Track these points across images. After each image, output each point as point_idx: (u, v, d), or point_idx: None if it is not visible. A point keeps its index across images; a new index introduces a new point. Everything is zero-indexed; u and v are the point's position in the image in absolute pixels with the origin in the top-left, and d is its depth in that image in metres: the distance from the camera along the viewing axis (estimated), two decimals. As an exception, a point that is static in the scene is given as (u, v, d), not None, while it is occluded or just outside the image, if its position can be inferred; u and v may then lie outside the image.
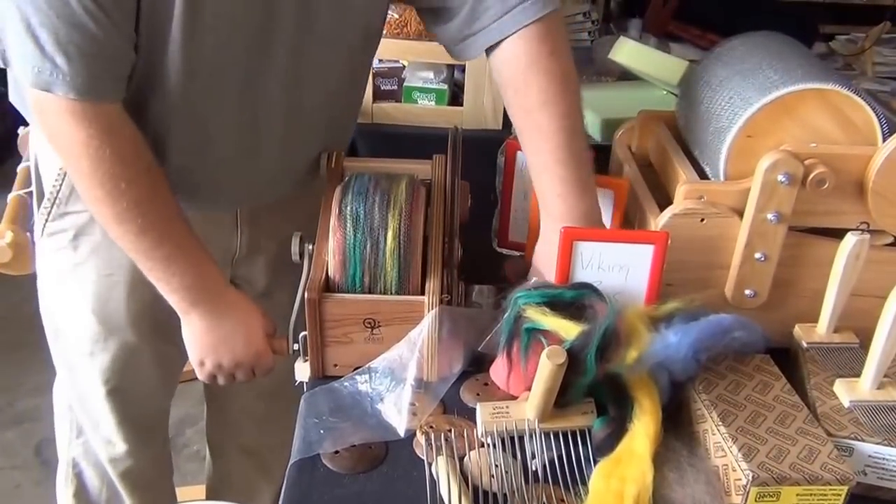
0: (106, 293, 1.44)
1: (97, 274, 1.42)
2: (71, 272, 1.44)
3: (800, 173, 1.18)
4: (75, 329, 1.49)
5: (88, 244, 1.40)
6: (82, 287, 1.44)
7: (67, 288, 1.46)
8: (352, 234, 1.21)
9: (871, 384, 1.14)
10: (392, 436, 1.16)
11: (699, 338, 1.13)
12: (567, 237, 1.21)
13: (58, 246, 1.42)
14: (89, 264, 1.42)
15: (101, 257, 1.40)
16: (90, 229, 1.39)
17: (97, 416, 1.59)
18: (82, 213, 1.38)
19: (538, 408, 1.11)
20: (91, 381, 1.54)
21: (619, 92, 2.20)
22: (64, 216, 1.40)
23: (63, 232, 1.41)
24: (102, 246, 1.39)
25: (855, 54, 2.58)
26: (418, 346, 1.19)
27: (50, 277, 1.49)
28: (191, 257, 1.27)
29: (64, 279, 1.45)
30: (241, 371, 1.35)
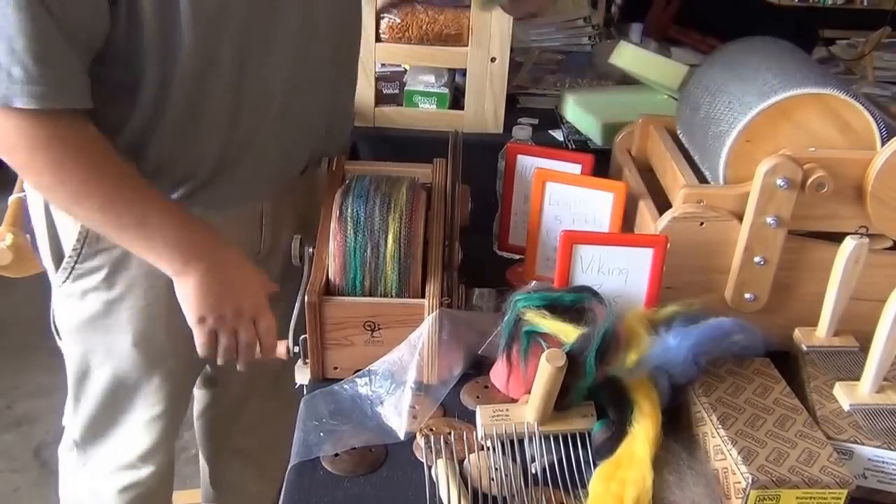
0: (147, 325, 1.42)
1: (136, 308, 1.40)
2: (105, 313, 1.41)
3: (799, 177, 1.18)
4: (115, 365, 1.46)
5: (125, 279, 1.38)
6: (120, 324, 1.41)
7: (102, 329, 1.43)
8: (352, 236, 1.21)
9: (870, 387, 1.14)
10: (392, 438, 1.16)
11: (699, 341, 1.13)
12: (567, 241, 1.21)
13: (87, 287, 1.39)
14: (127, 300, 1.39)
15: (139, 291, 1.39)
16: (127, 262, 1.36)
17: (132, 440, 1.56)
18: (118, 248, 1.34)
19: (538, 411, 1.11)
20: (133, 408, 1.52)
21: (620, 96, 2.20)
22: (96, 255, 1.36)
23: (96, 271, 1.37)
24: (139, 279, 1.37)
25: (855, 59, 2.58)
26: (418, 348, 1.19)
27: (77, 323, 1.44)
28: (167, 217, 1.22)
29: (96, 322, 1.42)
30: (244, 324, 1.29)
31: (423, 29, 1.97)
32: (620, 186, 1.35)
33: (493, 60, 1.98)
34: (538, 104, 2.26)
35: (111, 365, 1.46)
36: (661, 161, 1.41)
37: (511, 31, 1.96)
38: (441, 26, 1.97)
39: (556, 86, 2.32)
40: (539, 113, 2.19)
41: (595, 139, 2.03)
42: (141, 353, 1.44)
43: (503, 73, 2.00)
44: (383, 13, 1.97)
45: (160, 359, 1.47)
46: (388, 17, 1.97)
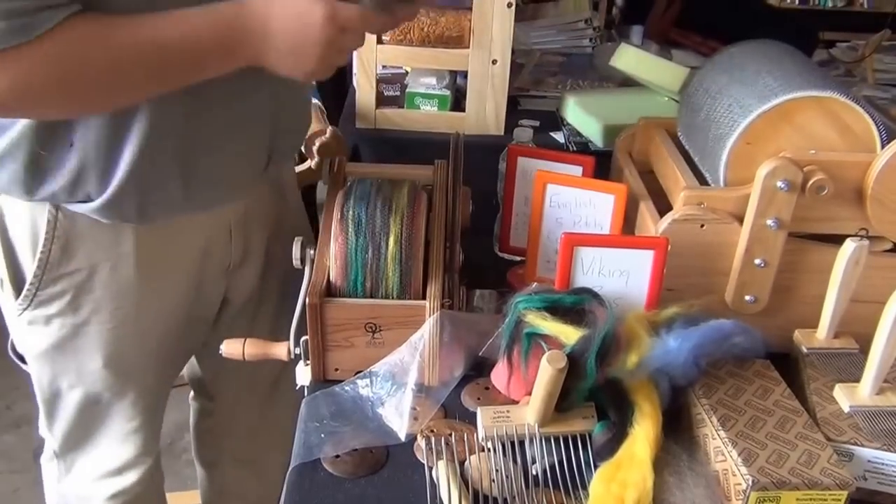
0: (116, 346, 1.39)
1: (104, 330, 1.37)
2: (72, 336, 1.37)
3: (799, 180, 1.19)
4: (87, 386, 1.44)
5: (90, 302, 1.34)
6: (89, 347, 1.38)
7: (71, 352, 1.39)
8: (353, 238, 1.22)
9: (870, 389, 1.14)
10: (393, 440, 1.16)
11: (699, 343, 1.13)
12: (568, 243, 1.21)
13: (52, 313, 1.35)
14: (94, 323, 1.36)
15: (105, 312, 1.35)
16: (90, 285, 1.32)
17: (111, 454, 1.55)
18: (80, 271, 1.31)
19: (539, 412, 1.11)
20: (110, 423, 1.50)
21: (621, 98, 2.20)
22: (57, 280, 1.31)
23: (58, 297, 1.33)
24: (105, 301, 1.34)
25: (856, 61, 2.59)
26: (419, 350, 1.20)
27: (44, 349, 1.40)
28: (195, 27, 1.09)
29: (64, 346, 1.38)
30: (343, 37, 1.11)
31: (424, 31, 1.98)
32: (621, 188, 1.35)
33: (494, 62, 1.99)
34: (539, 106, 2.26)
35: (83, 386, 1.44)
36: (662, 163, 1.41)
37: (512, 33, 1.96)
38: (442, 28, 1.97)
39: (557, 88, 2.32)
40: (540, 115, 2.19)
41: (596, 141, 2.03)
42: (112, 373, 1.42)
43: (504, 75, 2.01)
44: (384, 15, 1.97)
45: (132, 377, 1.45)
46: (389, 19, 1.97)
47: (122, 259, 1.31)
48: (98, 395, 1.45)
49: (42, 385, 1.46)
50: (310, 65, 1.12)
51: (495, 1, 1.92)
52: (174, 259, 1.38)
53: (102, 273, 1.32)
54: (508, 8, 1.92)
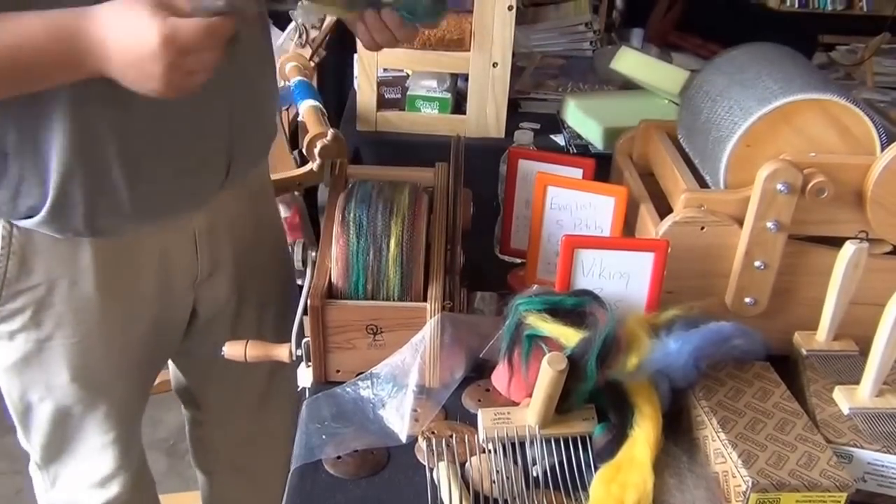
0: (82, 359, 1.37)
1: (68, 344, 1.35)
2: (37, 351, 1.35)
3: (799, 182, 1.19)
4: (57, 401, 1.42)
5: (52, 317, 1.32)
6: (55, 361, 1.36)
7: (37, 366, 1.37)
8: (355, 240, 1.22)
9: (870, 392, 1.15)
10: (394, 441, 1.16)
11: (699, 345, 1.13)
12: (568, 245, 1.22)
13: (14, 329, 1.33)
14: (58, 337, 1.34)
15: (67, 326, 1.33)
16: (50, 300, 1.30)
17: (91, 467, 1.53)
18: (39, 287, 1.29)
19: (539, 414, 1.11)
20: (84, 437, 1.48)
21: (621, 101, 2.21)
22: (17, 296, 1.29)
23: (20, 313, 1.31)
24: (66, 315, 1.32)
25: (855, 64, 2.59)
26: (420, 352, 1.20)
27: (11, 364, 1.38)
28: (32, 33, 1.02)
29: (30, 360, 1.36)
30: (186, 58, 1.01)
31: (425, 34, 1.98)
32: (621, 191, 1.36)
33: (494, 65, 1.99)
34: (540, 109, 2.27)
35: (53, 400, 1.42)
36: (662, 165, 1.41)
37: (513, 36, 1.97)
38: (443, 31, 1.98)
39: (557, 90, 2.33)
40: (540, 117, 2.20)
41: (596, 144, 2.03)
42: (81, 387, 1.40)
43: (505, 78, 2.01)
44: (385, 18, 1.98)
45: (102, 390, 1.43)
46: (390, 22, 1.98)
47: (81, 274, 1.30)
48: (69, 408, 1.43)
49: (13, 399, 1.44)
50: (154, 85, 1.03)
51: (496, 4, 1.92)
52: (135, 272, 1.36)
53: (62, 288, 1.30)
54: (509, 11, 1.93)
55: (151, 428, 2.83)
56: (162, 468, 2.71)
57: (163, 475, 2.66)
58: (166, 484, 2.56)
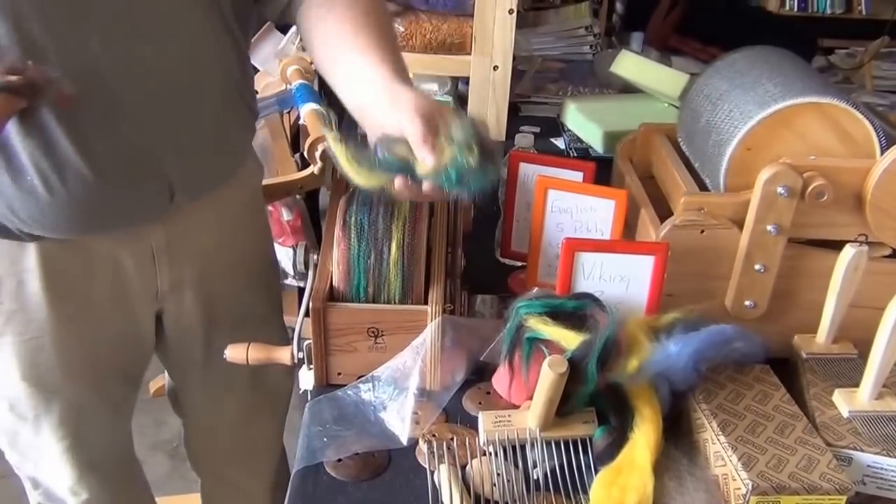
0: (33, 357, 1.37)
1: (18, 340, 1.35)
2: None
3: (799, 186, 1.19)
4: (10, 399, 1.43)
5: (2, 314, 1.33)
6: (5, 358, 1.37)
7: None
8: (356, 244, 1.22)
9: (869, 394, 1.15)
10: (395, 444, 1.17)
11: (699, 348, 1.13)
12: (569, 248, 1.22)
13: None
14: (7, 334, 1.35)
15: (17, 323, 1.34)
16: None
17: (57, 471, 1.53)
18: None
19: (540, 417, 1.12)
20: (43, 441, 1.48)
21: (621, 104, 2.21)
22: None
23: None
24: (17, 312, 1.33)
25: (854, 68, 2.60)
26: (421, 355, 1.20)
27: None
28: None
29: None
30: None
31: (426, 38, 1.99)
32: (622, 194, 1.36)
33: (495, 69, 2.00)
34: (540, 112, 2.28)
35: (6, 396, 1.42)
36: (663, 169, 1.42)
37: (513, 40, 1.97)
38: (444, 35, 1.98)
39: (557, 94, 2.34)
40: (541, 121, 2.21)
41: (596, 147, 2.04)
42: (32, 386, 1.40)
43: (505, 82, 2.02)
44: (386, 22, 1.98)
45: (54, 391, 1.42)
46: (391, 25, 1.98)
47: (27, 274, 1.30)
48: (22, 410, 1.43)
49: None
50: None
51: (497, 7, 1.93)
52: (86, 278, 1.36)
53: (8, 286, 1.31)
54: (510, 14, 1.93)
55: (155, 430, 2.84)
56: (165, 470, 2.71)
57: (166, 477, 2.67)
58: (169, 486, 2.56)
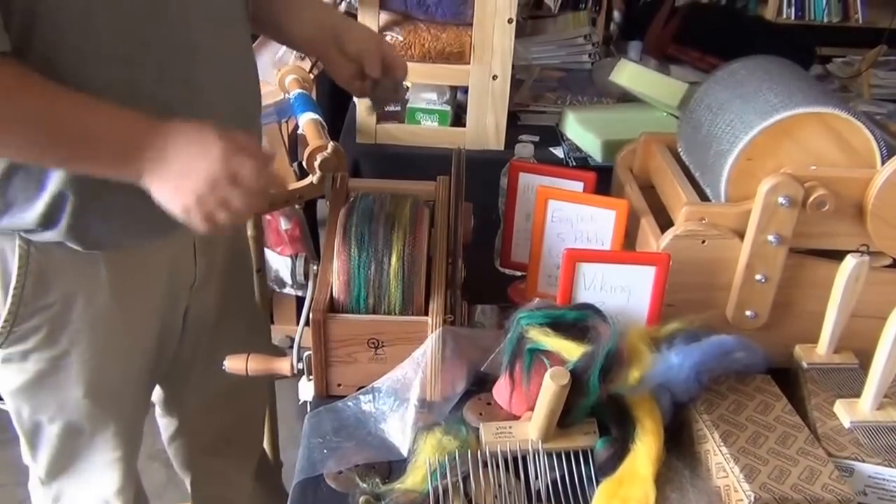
0: (97, 373, 1.38)
1: (83, 360, 1.36)
2: (52, 370, 1.35)
3: (800, 196, 1.19)
4: (67, 419, 1.43)
5: (68, 334, 1.33)
6: (69, 379, 1.37)
7: (50, 387, 1.38)
8: (356, 255, 1.22)
9: (871, 405, 1.15)
10: (395, 455, 1.16)
11: (701, 359, 1.13)
12: (570, 258, 1.22)
13: (28, 348, 1.33)
14: (74, 354, 1.35)
15: (83, 342, 1.35)
16: (67, 317, 1.31)
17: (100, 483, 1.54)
18: (56, 303, 1.30)
19: (541, 428, 1.11)
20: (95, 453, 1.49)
21: (620, 114, 2.21)
22: (33, 315, 1.30)
23: (35, 332, 1.31)
24: (83, 331, 1.33)
25: (852, 77, 2.60)
26: (422, 366, 1.20)
27: (22, 384, 1.38)
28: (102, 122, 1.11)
29: (43, 381, 1.36)
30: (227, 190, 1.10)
31: (425, 47, 1.99)
32: (622, 204, 1.36)
33: (494, 78, 2.00)
34: (539, 121, 2.28)
35: (63, 418, 1.42)
36: (663, 179, 1.42)
37: (512, 49, 1.97)
38: (443, 44, 1.98)
39: (556, 103, 2.34)
40: (540, 130, 2.20)
41: (595, 156, 2.04)
42: (93, 402, 1.40)
43: (504, 91, 2.02)
44: (386, 31, 1.99)
45: (112, 404, 1.44)
46: (390, 34, 1.99)
47: (98, 287, 1.31)
48: (79, 426, 1.44)
49: (21, 420, 1.44)
50: (188, 199, 1.10)
51: (496, 16, 1.93)
52: (146, 282, 1.38)
53: (79, 303, 1.31)
54: (509, 24, 1.93)
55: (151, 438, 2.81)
56: (161, 479, 2.69)
57: (162, 487, 2.65)
58: (166, 497, 2.55)
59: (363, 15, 1.96)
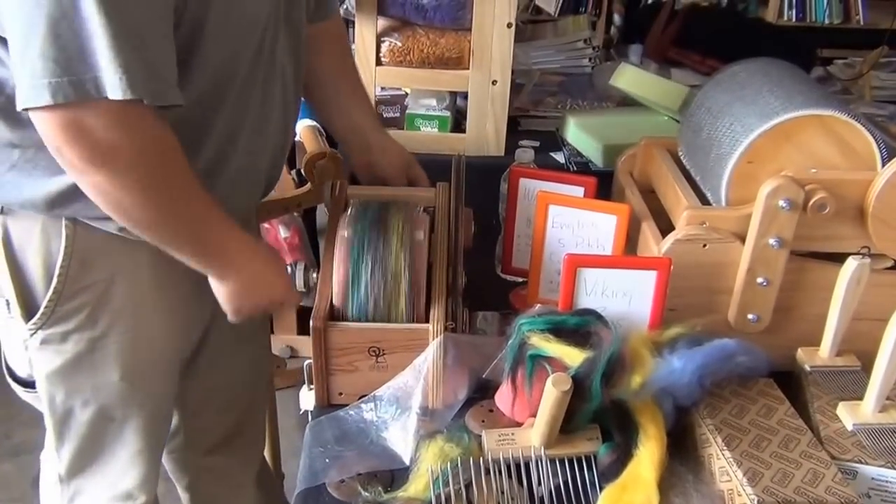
0: (133, 357, 1.39)
1: (121, 341, 1.37)
2: (89, 351, 1.36)
3: (800, 199, 1.19)
4: (101, 403, 1.43)
5: (109, 313, 1.34)
6: (107, 360, 1.38)
7: (87, 368, 1.38)
8: (356, 263, 1.22)
9: (873, 407, 1.15)
10: (397, 464, 1.16)
11: (703, 363, 1.13)
12: (571, 264, 1.22)
13: (69, 329, 1.34)
14: (112, 335, 1.36)
15: (123, 323, 1.36)
16: (108, 296, 1.33)
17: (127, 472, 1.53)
18: (99, 283, 1.31)
19: (544, 434, 1.11)
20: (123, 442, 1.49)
21: (621, 118, 2.21)
22: (76, 295, 1.31)
23: (77, 312, 1.33)
24: (123, 311, 1.35)
25: (853, 78, 2.60)
26: (423, 373, 1.20)
27: (58, 367, 1.38)
28: (218, 231, 1.25)
29: (80, 362, 1.37)
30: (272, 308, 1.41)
31: (424, 52, 1.99)
32: (623, 209, 1.36)
33: (494, 83, 2.00)
34: (539, 126, 2.27)
35: (96, 403, 1.43)
36: (664, 183, 1.41)
37: (512, 54, 1.97)
38: (442, 49, 1.98)
39: (557, 108, 2.33)
40: (540, 135, 2.20)
41: (596, 161, 2.03)
42: (128, 385, 1.41)
43: (504, 96, 2.02)
44: (384, 37, 1.99)
45: (145, 388, 1.45)
46: (388, 40, 1.99)
47: (139, 269, 1.33)
48: (111, 411, 1.45)
49: (54, 405, 1.44)
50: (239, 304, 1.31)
51: (495, 21, 1.93)
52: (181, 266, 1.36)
53: (120, 284, 1.33)
54: (508, 28, 1.93)
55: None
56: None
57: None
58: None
59: (361, 21, 1.96)
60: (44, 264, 1.29)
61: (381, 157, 1.59)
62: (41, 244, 1.29)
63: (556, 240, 1.39)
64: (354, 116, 1.62)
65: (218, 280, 1.29)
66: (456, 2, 1.94)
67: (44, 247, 1.29)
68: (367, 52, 1.98)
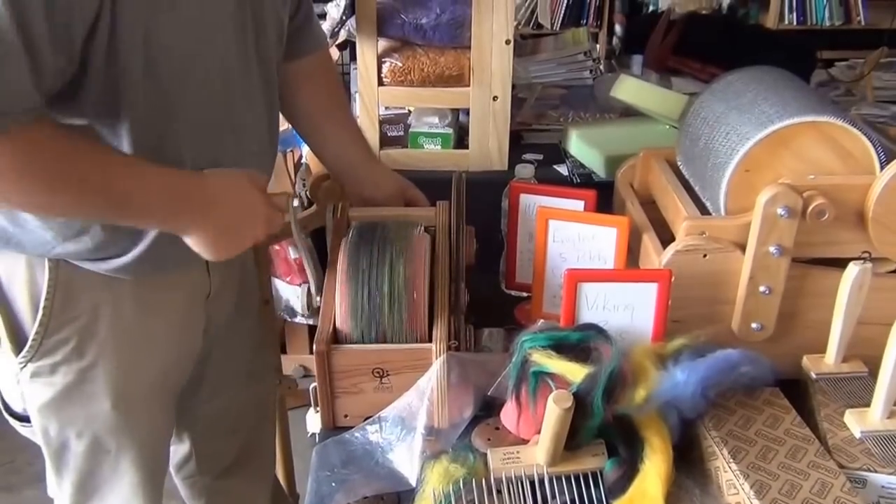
0: (124, 386, 1.39)
1: (110, 370, 1.36)
2: (79, 382, 1.36)
3: (799, 206, 1.19)
4: (95, 433, 1.43)
5: (96, 344, 1.34)
6: (97, 390, 1.37)
7: (78, 398, 1.38)
8: (358, 284, 1.22)
9: (881, 413, 1.14)
10: (404, 486, 1.16)
11: (707, 374, 1.13)
12: (571, 279, 1.22)
13: (57, 361, 1.34)
14: (101, 364, 1.36)
15: (110, 352, 1.35)
16: (94, 328, 1.33)
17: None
18: (83, 315, 1.32)
19: (548, 452, 1.11)
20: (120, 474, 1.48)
21: (622, 128, 2.21)
22: (63, 326, 1.31)
23: (64, 344, 1.33)
24: (109, 340, 1.35)
25: (855, 80, 2.59)
26: (427, 393, 1.20)
27: (50, 399, 1.38)
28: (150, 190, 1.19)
29: (71, 393, 1.37)
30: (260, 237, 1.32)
31: (424, 71, 1.99)
32: (623, 221, 1.36)
33: (495, 99, 2.00)
34: (542, 139, 2.27)
35: (90, 433, 1.42)
36: (663, 193, 1.41)
37: (511, 69, 1.98)
38: (442, 68, 1.99)
39: (559, 121, 2.33)
40: (543, 148, 2.20)
41: (599, 172, 2.03)
42: (120, 415, 1.41)
43: (506, 111, 2.02)
44: (385, 58, 2.00)
45: (138, 417, 1.44)
46: (389, 61, 1.99)
47: (123, 300, 1.33)
48: (106, 443, 1.44)
49: (49, 437, 1.45)
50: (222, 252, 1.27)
51: (493, 38, 1.93)
52: (167, 294, 1.40)
53: (105, 315, 1.33)
54: (507, 45, 1.94)
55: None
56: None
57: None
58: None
59: (362, 43, 1.97)
60: (30, 298, 1.30)
61: (373, 191, 1.60)
62: (27, 278, 1.30)
63: (558, 254, 1.39)
64: (344, 151, 1.63)
65: (185, 236, 1.25)
66: (454, 21, 1.95)
67: (30, 280, 1.30)
68: (369, 73, 1.99)
